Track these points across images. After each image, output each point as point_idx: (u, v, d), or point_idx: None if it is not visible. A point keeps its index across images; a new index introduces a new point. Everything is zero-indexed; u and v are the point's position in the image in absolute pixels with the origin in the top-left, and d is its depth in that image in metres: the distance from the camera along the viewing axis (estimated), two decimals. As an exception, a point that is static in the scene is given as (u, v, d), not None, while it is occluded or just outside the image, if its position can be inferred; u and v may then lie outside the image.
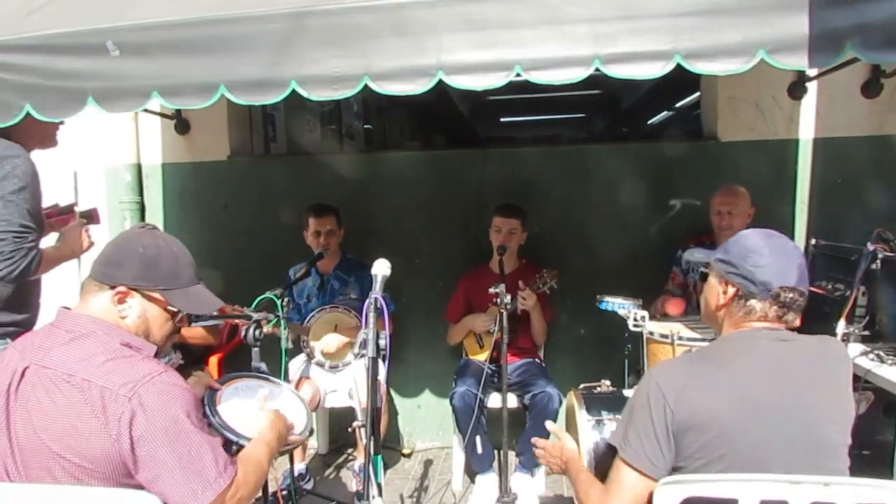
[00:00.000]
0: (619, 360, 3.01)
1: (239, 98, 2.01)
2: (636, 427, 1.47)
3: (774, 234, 1.57)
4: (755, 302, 1.52)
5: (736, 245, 1.57)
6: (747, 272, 1.52)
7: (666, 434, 1.44)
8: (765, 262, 1.51)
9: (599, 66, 1.89)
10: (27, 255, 2.08)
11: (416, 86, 1.92)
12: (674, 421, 1.42)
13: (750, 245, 1.55)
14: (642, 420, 1.46)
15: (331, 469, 3.68)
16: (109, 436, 1.35)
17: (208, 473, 1.40)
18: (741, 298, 1.53)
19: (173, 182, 3.97)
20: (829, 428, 1.46)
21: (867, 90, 3.42)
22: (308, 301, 3.48)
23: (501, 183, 3.70)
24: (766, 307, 1.52)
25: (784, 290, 1.50)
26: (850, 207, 3.43)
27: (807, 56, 1.86)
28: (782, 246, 1.54)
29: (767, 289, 1.50)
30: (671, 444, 1.44)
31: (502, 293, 2.68)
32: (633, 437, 1.47)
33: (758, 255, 1.52)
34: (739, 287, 1.53)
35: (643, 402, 1.47)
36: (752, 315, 1.53)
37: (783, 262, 1.52)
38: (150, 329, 1.58)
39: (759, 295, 1.51)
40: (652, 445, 1.44)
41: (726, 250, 1.59)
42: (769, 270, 1.50)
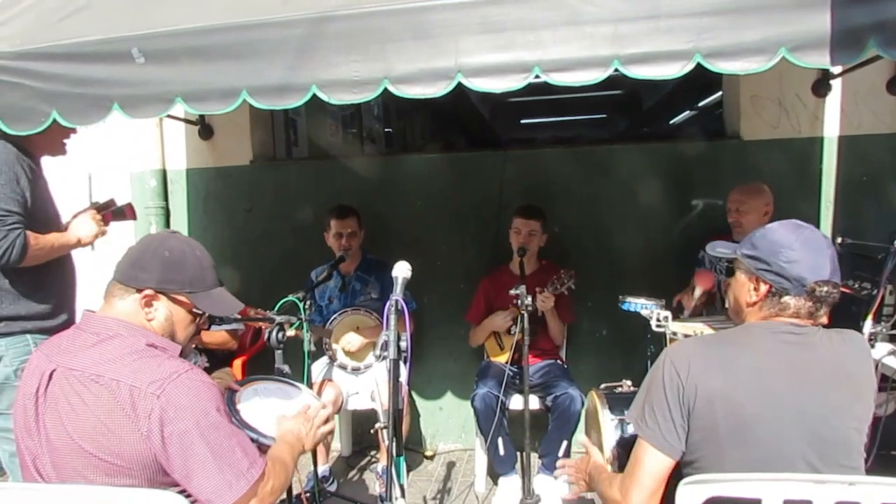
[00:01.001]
0: (641, 361, 3.00)
1: (261, 103, 2.04)
2: (652, 405, 1.47)
3: (803, 226, 1.53)
4: (789, 298, 1.48)
5: (764, 240, 1.53)
6: (780, 268, 1.47)
7: (680, 412, 1.43)
8: (796, 256, 1.46)
9: (619, 67, 1.89)
10: (7, 237, 2.11)
11: (436, 88, 1.94)
12: (687, 398, 1.41)
13: (779, 239, 1.50)
14: (658, 399, 1.46)
15: (354, 471, 3.71)
16: (140, 433, 1.38)
17: (240, 464, 1.44)
18: (774, 295, 1.50)
19: (197, 187, 4.03)
20: (849, 424, 1.44)
21: (893, 87, 3.36)
22: (330, 302, 3.51)
23: (521, 184, 3.70)
24: (799, 303, 1.48)
25: (819, 284, 1.46)
26: (876, 205, 3.38)
27: (829, 54, 1.84)
28: (812, 238, 1.50)
29: (802, 284, 1.46)
30: (685, 423, 1.43)
31: (523, 294, 2.69)
32: (650, 415, 1.47)
33: (789, 250, 1.47)
34: (772, 284, 1.49)
35: (658, 380, 1.47)
36: (785, 311, 1.49)
37: (815, 256, 1.47)
38: (175, 331, 1.61)
39: (793, 291, 1.47)
40: (667, 424, 1.44)
41: (754, 245, 1.54)
42: (802, 265, 1.46)
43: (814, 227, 1.54)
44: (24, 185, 2.22)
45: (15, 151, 2.23)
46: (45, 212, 2.35)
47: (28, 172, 2.25)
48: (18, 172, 2.21)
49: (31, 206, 2.24)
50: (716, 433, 1.41)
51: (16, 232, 2.14)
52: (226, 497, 1.40)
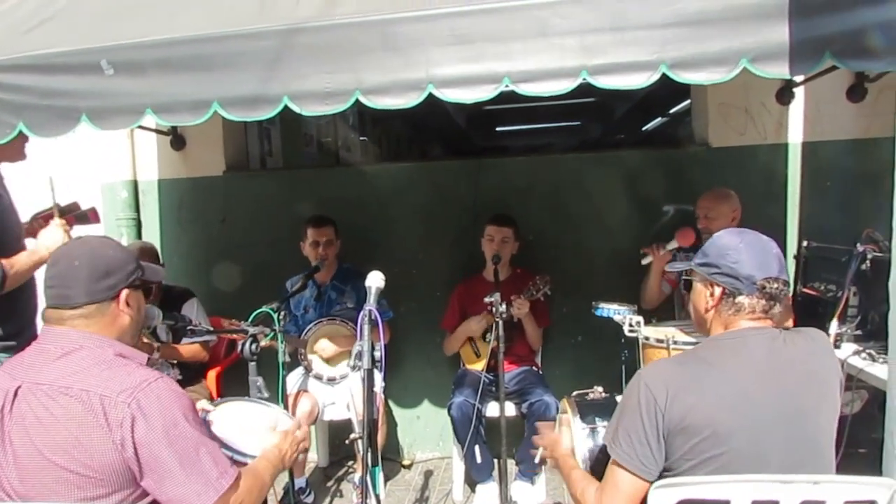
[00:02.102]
0: (616, 366, 3.02)
1: (232, 114, 2.03)
2: (626, 429, 1.49)
3: (746, 231, 1.62)
4: (743, 298, 1.54)
5: (711, 246, 1.61)
6: (730, 269, 1.54)
7: (657, 436, 1.45)
8: (743, 257, 1.54)
9: (587, 77, 1.92)
10: None
11: (407, 99, 1.95)
12: (664, 423, 1.44)
13: (725, 244, 1.58)
14: (633, 422, 1.48)
15: (331, 482, 3.68)
16: (113, 442, 1.37)
17: (210, 474, 1.43)
18: (729, 297, 1.55)
19: (170, 198, 3.99)
20: (819, 422, 1.48)
21: (852, 95, 3.46)
22: (305, 312, 3.49)
23: (496, 192, 3.73)
24: (753, 302, 1.53)
25: (768, 280, 1.52)
26: (840, 209, 3.46)
27: (787, 64, 1.89)
28: (756, 239, 1.58)
29: (752, 282, 1.52)
30: (662, 447, 1.46)
31: (497, 302, 2.70)
32: (624, 438, 1.49)
33: (735, 252, 1.55)
34: (725, 286, 1.55)
35: (633, 404, 1.49)
36: (741, 312, 1.54)
37: (761, 255, 1.55)
38: (140, 319, 1.63)
39: (745, 290, 1.53)
40: (643, 448, 1.46)
41: (704, 253, 1.62)
42: (750, 264, 1.53)
43: (758, 232, 1.62)
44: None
45: None
46: (11, 228, 2.29)
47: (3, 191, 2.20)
48: None
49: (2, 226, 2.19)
50: (694, 449, 1.43)
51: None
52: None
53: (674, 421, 1.43)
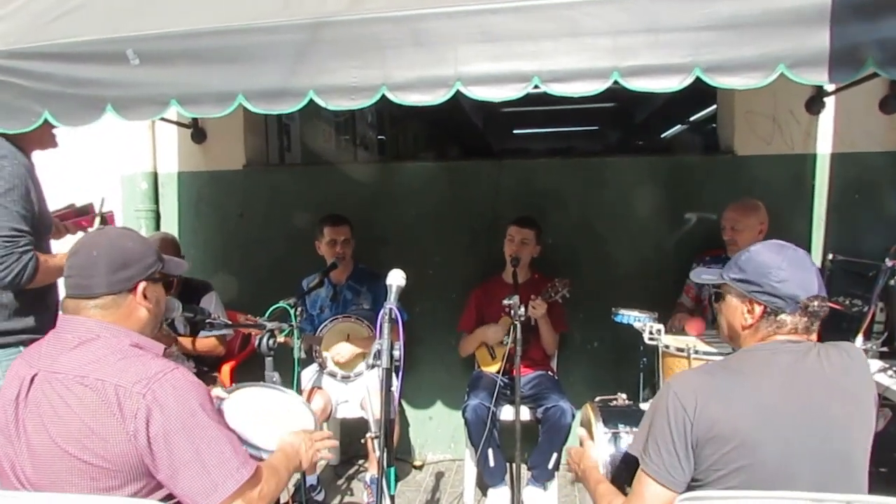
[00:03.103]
0: (633, 374, 2.98)
1: (257, 107, 2.02)
2: (655, 439, 1.46)
3: (786, 246, 1.57)
4: (785, 316, 1.50)
5: (750, 262, 1.56)
6: (772, 288, 1.50)
7: (685, 446, 1.42)
8: (786, 275, 1.50)
9: (618, 79, 1.88)
10: (20, 260, 2.06)
11: (434, 96, 1.93)
12: (693, 433, 1.41)
13: (767, 261, 1.53)
14: (661, 432, 1.45)
15: (342, 480, 3.67)
16: (127, 433, 1.36)
17: (229, 464, 1.41)
18: (770, 315, 1.52)
19: (189, 191, 4.00)
20: (852, 438, 1.44)
21: (885, 106, 3.38)
22: (321, 312, 3.48)
23: (516, 194, 3.69)
24: (795, 319, 1.50)
25: (811, 299, 1.49)
26: (867, 223, 3.39)
27: (827, 71, 1.85)
28: (797, 256, 1.54)
29: (796, 301, 1.49)
30: (690, 457, 1.43)
31: (515, 304, 2.67)
32: (653, 449, 1.46)
33: (778, 270, 1.50)
34: (767, 304, 1.51)
35: (662, 413, 1.45)
36: (783, 329, 1.51)
37: (803, 273, 1.51)
38: (160, 311, 1.63)
39: (787, 309, 1.50)
40: (671, 458, 1.43)
41: (741, 269, 1.57)
42: (793, 283, 1.49)
43: (795, 247, 1.58)
44: (34, 199, 2.19)
45: (24, 162, 2.18)
46: (42, 219, 2.30)
47: (33, 182, 2.20)
48: (29, 186, 2.16)
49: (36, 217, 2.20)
50: (722, 460, 1.40)
51: (29, 255, 2.10)
52: (212, 498, 1.38)
53: (702, 430, 1.40)
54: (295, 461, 1.69)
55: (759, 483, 1.37)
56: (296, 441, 1.74)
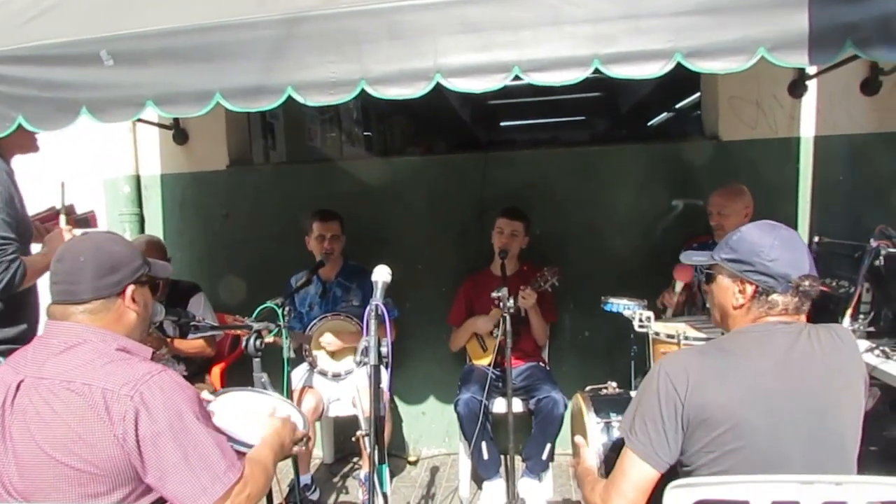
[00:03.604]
0: (624, 362, 2.98)
1: (235, 105, 2.00)
2: (644, 418, 1.46)
3: (777, 225, 1.57)
4: (777, 296, 1.50)
5: (742, 242, 1.55)
6: (764, 267, 1.49)
7: (675, 428, 1.42)
8: (777, 254, 1.49)
9: (599, 67, 1.87)
10: (8, 269, 2.04)
11: (414, 89, 1.91)
12: (685, 414, 1.40)
13: (758, 241, 1.53)
14: (651, 412, 1.44)
15: (336, 478, 3.66)
16: (115, 437, 1.34)
17: (217, 468, 1.40)
18: (762, 294, 1.51)
19: (172, 192, 3.96)
20: (843, 420, 1.44)
21: (866, 88, 3.41)
22: (310, 309, 3.46)
23: (503, 186, 3.68)
24: (787, 299, 1.50)
25: (802, 279, 1.48)
26: (852, 204, 3.41)
27: (807, 54, 1.85)
28: (789, 236, 1.54)
29: (788, 280, 1.48)
30: (679, 438, 1.43)
31: (504, 296, 2.67)
32: (640, 427, 1.46)
33: (770, 249, 1.50)
34: (759, 284, 1.51)
35: (652, 393, 1.45)
36: (774, 309, 1.51)
37: (794, 253, 1.51)
38: (147, 315, 1.61)
39: (779, 288, 1.49)
40: (659, 437, 1.43)
41: (733, 249, 1.56)
42: (784, 263, 1.49)
43: (786, 227, 1.57)
44: (17, 205, 2.16)
45: (5, 168, 2.15)
46: (25, 225, 2.27)
47: (15, 188, 2.17)
48: (12, 192, 2.14)
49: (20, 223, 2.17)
50: (714, 443, 1.40)
51: (16, 263, 2.08)
52: (201, 500, 1.36)
53: (694, 412, 1.40)
54: (277, 447, 1.67)
55: (751, 465, 1.37)
56: (275, 425, 1.72)
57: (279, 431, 1.72)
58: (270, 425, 1.73)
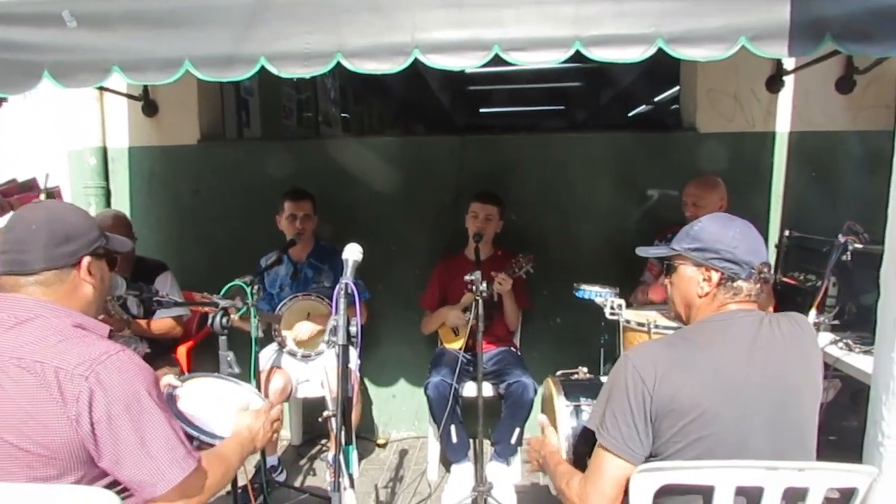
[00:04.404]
0: (595, 349, 2.99)
1: (205, 74, 1.93)
2: (613, 412, 1.45)
3: (733, 217, 1.61)
4: (741, 283, 1.52)
5: (704, 232, 1.57)
6: (730, 255, 1.52)
7: (644, 420, 1.42)
8: (738, 243, 1.52)
9: (580, 49, 1.86)
10: None
11: (392, 64, 1.87)
12: (653, 406, 1.41)
13: (720, 230, 1.56)
14: (620, 405, 1.44)
15: (304, 460, 3.62)
16: (68, 418, 1.28)
17: (176, 452, 1.36)
18: (727, 281, 1.53)
19: (141, 166, 3.85)
20: (803, 407, 1.46)
21: (841, 86, 3.45)
22: (281, 290, 3.40)
23: (480, 170, 3.65)
24: (750, 286, 1.53)
25: (763, 265, 1.52)
26: (823, 200, 3.46)
27: (787, 45, 1.86)
28: (746, 225, 1.58)
29: (751, 267, 1.51)
30: (649, 430, 1.43)
31: (477, 280, 2.65)
32: (611, 422, 1.45)
33: (731, 238, 1.53)
34: (724, 271, 1.53)
35: (620, 386, 1.45)
36: (739, 295, 1.53)
37: (753, 241, 1.55)
38: (104, 290, 1.54)
39: (743, 274, 1.51)
40: (630, 430, 1.43)
41: (696, 238, 1.58)
42: (747, 250, 1.52)
43: (741, 218, 1.61)
44: None
45: None
46: None
47: None
48: None
49: None
50: (682, 432, 1.40)
51: None
52: (158, 486, 1.32)
53: (662, 402, 1.40)
54: (248, 444, 1.64)
55: (717, 453, 1.38)
56: (251, 422, 1.68)
57: (252, 428, 1.68)
58: (243, 421, 1.69)
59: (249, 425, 1.68)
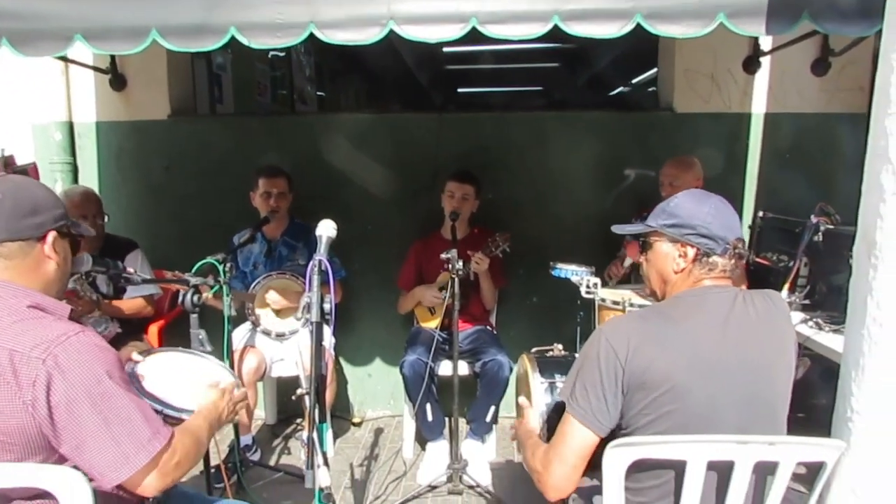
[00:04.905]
0: (571, 328, 3.00)
1: (173, 44, 1.87)
2: (584, 383, 1.46)
3: (709, 194, 1.61)
4: (717, 258, 1.53)
5: (680, 209, 1.57)
6: (706, 230, 1.52)
7: (615, 392, 1.42)
8: (713, 219, 1.53)
9: (559, 23, 1.83)
10: None
11: (366, 35, 1.82)
12: (625, 378, 1.41)
13: (696, 206, 1.56)
14: (591, 377, 1.44)
15: (278, 439, 3.61)
16: (24, 403, 1.23)
17: (140, 435, 1.32)
18: (703, 256, 1.53)
19: (109, 142, 3.74)
20: (775, 383, 1.48)
21: (816, 68, 3.47)
22: (255, 268, 3.35)
23: (457, 149, 3.62)
24: (725, 262, 1.53)
25: (737, 241, 1.53)
26: (796, 182, 3.49)
27: (764, 23, 1.86)
28: (721, 202, 1.58)
29: (727, 242, 1.52)
30: (619, 403, 1.44)
31: (454, 259, 2.64)
32: (581, 393, 1.46)
33: (706, 214, 1.53)
34: (700, 246, 1.53)
35: (593, 358, 1.45)
36: (714, 271, 1.54)
37: (728, 216, 1.55)
38: (68, 270, 1.48)
39: (719, 250, 1.52)
40: (599, 402, 1.43)
41: (672, 215, 1.58)
42: (722, 225, 1.53)
43: (715, 194, 1.61)
44: None
45: None
46: None
47: None
48: None
49: None
50: (652, 405, 1.41)
51: None
52: (122, 471, 1.28)
53: (634, 375, 1.40)
54: (214, 420, 1.61)
55: (687, 427, 1.39)
56: (214, 397, 1.66)
57: (217, 403, 1.65)
58: (208, 396, 1.65)
59: (214, 401, 1.65)
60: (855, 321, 1.48)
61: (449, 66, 9.27)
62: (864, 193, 1.45)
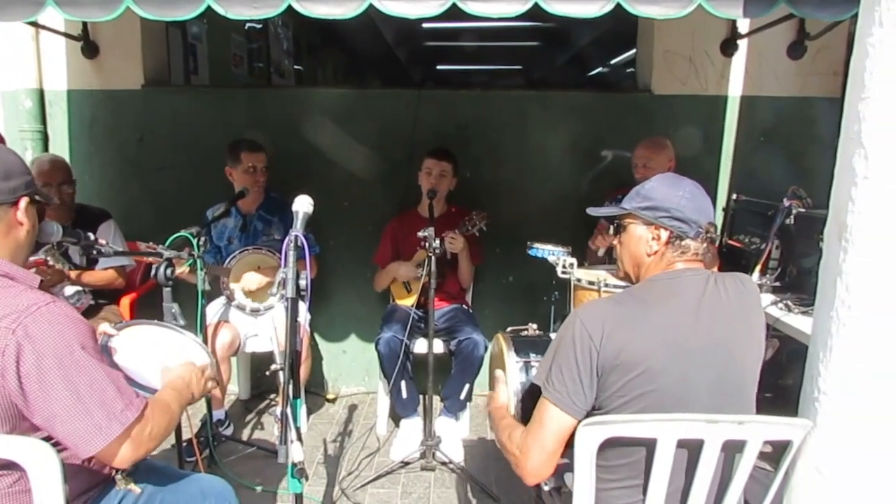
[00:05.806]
0: (546, 307, 3.04)
1: (147, 12, 1.82)
2: (560, 366, 1.47)
3: (683, 177, 1.61)
4: (689, 241, 1.54)
5: (655, 191, 1.58)
6: (679, 213, 1.53)
7: (590, 375, 1.44)
8: (686, 202, 1.53)
9: (539, 1, 1.82)
10: None
11: (345, 10, 1.79)
12: (599, 361, 1.43)
13: (670, 189, 1.57)
14: (566, 360, 1.46)
15: (252, 415, 3.61)
16: None
17: (113, 406, 1.31)
18: (676, 240, 1.54)
19: (81, 111, 3.65)
20: (745, 364, 1.50)
21: (792, 51, 3.51)
22: (229, 243, 3.31)
23: (435, 126, 3.60)
24: (697, 245, 1.54)
25: (710, 224, 1.54)
26: (771, 164, 3.55)
27: (742, 5, 1.86)
28: (694, 186, 1.59)
29: (699, 226, 1.53)
30: (594, 385, 1.45)
31: (430, 236, 2.64)
32: (556, 376, 1.47)
33: (680, 198, 1.54)
34: (672, 229, 1.54)
35: (568, 341, 1.46)
36: (686, 254, 1.55)
37: (701, 200, 1.56)
38: (33, 240, 1.46)
39: (691, 233, 1.53)
40: (575, 385, 1.45)
41: (647, 197, 1.58)
42: (695, 209, 1.53)
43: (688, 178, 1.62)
44: None
45: None
46: None
47: None
48: None
49: None
50: (627, 387, 1.43)
51: None
52: (95, 441, 1.28)
53: (608, 358, 1.42)
54: (186, 394, 1.60)
55: (660, 408, 1.41)
56: (184, 373, 1.65)
57: (188, 381, 1.64)
58: (179, 373, 1.64)
59: (181, 374, 1.64)
60: (824, 303, 1.51)
61: (428, 42, 9.17)
62: (837, 177, 1.47)
